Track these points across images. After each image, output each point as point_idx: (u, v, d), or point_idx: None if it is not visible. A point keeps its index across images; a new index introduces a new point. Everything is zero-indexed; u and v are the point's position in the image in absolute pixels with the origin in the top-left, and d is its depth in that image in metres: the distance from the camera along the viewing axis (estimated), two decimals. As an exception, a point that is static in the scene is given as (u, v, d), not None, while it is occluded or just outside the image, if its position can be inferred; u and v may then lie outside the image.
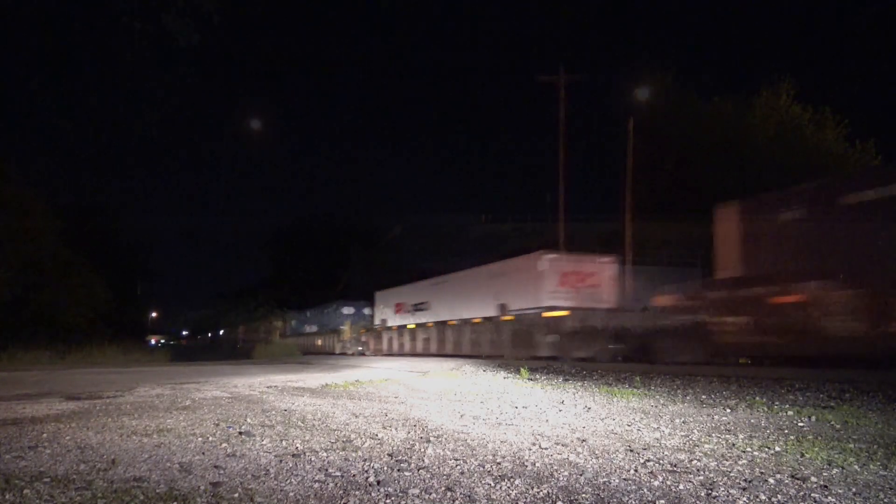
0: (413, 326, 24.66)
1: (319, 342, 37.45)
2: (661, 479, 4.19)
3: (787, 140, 40.18)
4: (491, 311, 18.35)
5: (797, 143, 40.30)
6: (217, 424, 5.98)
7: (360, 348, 32.59)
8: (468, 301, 20.14)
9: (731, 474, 4.34)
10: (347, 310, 33.13)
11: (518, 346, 16.69)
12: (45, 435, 5.40)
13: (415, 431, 5.75)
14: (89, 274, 35.66)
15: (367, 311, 32.96)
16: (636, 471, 4.38)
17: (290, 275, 67.60)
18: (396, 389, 9.24)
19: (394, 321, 27.94)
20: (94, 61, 7.65)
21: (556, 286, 17.45)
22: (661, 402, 8.08)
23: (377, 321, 30.23)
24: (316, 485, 3.96)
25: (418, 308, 24.49)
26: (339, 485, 3.95)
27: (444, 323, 21.77)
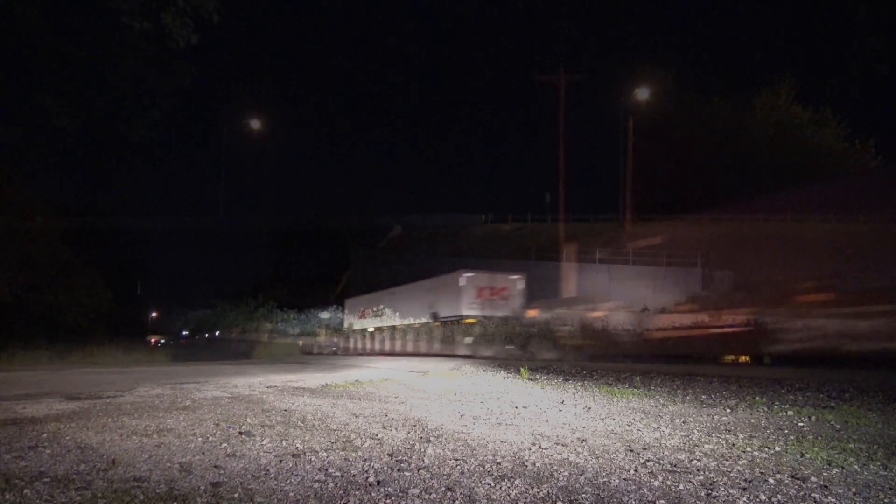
0: (372, 330, 27.35)
1: (301, 343, 40.58)
2: (661, 479, 4.19)
3: (787, 140, 40.19)
4: (426, 318, 21.88)
5: (797, 143, 40.33)
6: (217, 424, 5.98)
7: (333, 349, 35.51)
8: (412, 309, 23.59)
9: (731, 474, 4.34)
10: (324, 315, 36.51)
11: (445, 346, 19.84)
12: (45, 435, 5.41)
13: (415, 431, 5.75)
14: (89, 274, 35.65)
15: (341, 315, 36.33)
16: (636, 471, 4.38)
17: (291, 275, 67.64)
18: (396, 389, 9.24)
19: (359, 325, 30.71)
20: (95, 61, 7.64)
21: (473, 298, 20.85)
22: (661, 402, 8.09)
23: (346, 324, 33.25)
24: (316, 485, 3.96)
25: (376, 314, 27.42)
26: (339, 485, 3.96)
27: (394, 327, 24.89)
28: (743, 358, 14.55)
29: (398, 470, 4.32)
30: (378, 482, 4.02)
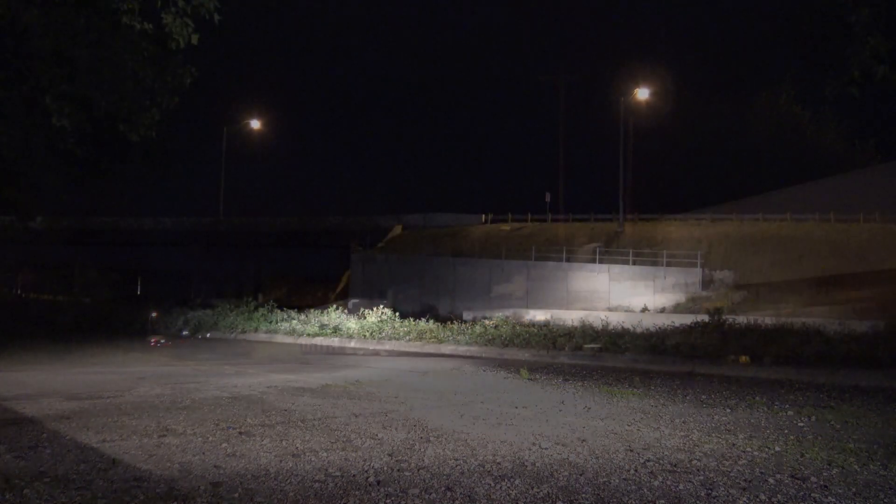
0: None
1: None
2: (661, 479, 4.19)
3: (788, 140, 40.19)
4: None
5: (797, 143, 40.33)
6: (217, 424, 5.98)
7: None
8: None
9: (731, 474, 4.34)
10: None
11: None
12: (45, 435, 5.41)
13: (414, 431, 5.75)
14: (89, 274, 35.69)
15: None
16: (636, 471, 4.38)
17: (291, 275, 67.40)
18: (396, 389, 9.24)
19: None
20: (95, 61, 7.64)
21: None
22: (661, 401, 8.08)
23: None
24: (316, 485, 3.97)
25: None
26: (338, 485, 3.96)
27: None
28: (743, 358, 14.55)
29: (398, 470, 4.32)
30: (378, 482, 4.02)
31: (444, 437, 5.46)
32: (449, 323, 23.72)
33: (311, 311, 22.72)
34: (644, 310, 26.65)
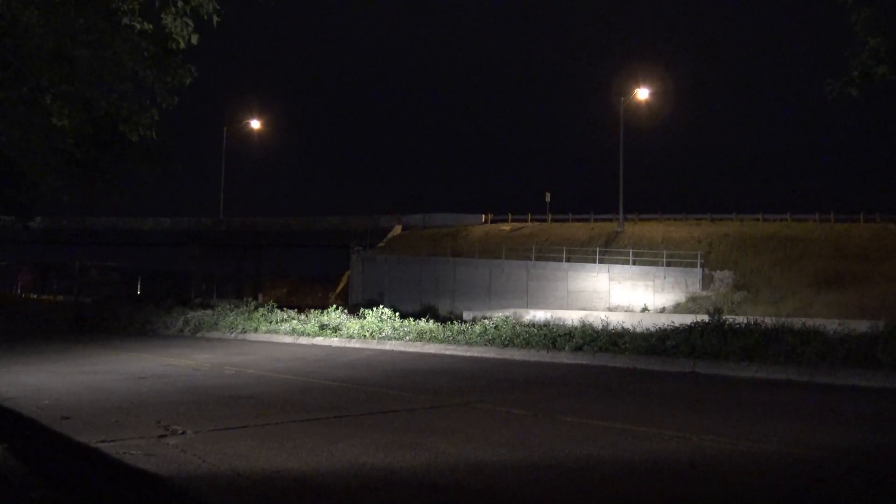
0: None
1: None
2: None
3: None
4: None
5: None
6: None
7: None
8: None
9: None
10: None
11: None
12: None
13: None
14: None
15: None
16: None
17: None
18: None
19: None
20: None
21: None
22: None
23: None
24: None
25: None
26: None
27: None
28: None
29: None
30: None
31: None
32: (449, 323, 23.67)
33: (312, 311, 22.58)
34: (644, 310, 26.66)
